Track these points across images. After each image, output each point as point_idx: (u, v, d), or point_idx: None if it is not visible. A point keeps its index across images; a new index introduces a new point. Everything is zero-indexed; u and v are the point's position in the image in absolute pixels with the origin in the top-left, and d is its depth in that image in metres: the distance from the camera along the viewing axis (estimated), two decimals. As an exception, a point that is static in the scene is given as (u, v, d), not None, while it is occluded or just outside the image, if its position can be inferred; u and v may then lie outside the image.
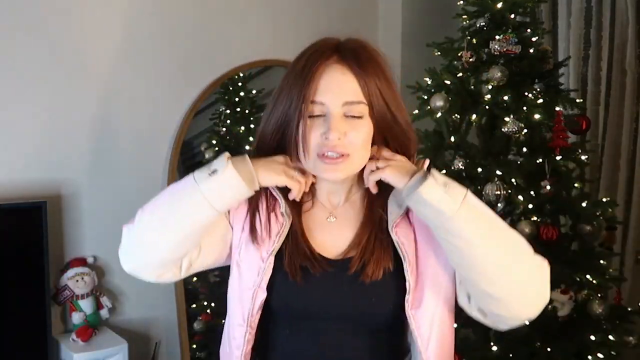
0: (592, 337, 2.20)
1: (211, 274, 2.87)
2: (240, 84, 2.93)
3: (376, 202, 1.17)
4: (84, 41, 2.48)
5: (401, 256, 1.12)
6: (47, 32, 2.39)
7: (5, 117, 2.32)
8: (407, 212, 1.15)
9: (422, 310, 1.14)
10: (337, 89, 1.09)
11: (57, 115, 2.43)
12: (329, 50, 1.12)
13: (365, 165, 1.14)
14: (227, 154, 1.12)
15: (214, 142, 2.89)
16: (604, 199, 2.36)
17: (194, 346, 2.81)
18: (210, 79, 2.79)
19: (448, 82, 2.46)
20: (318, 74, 1.09)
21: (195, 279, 2.84)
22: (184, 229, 1.10)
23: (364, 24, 3.32)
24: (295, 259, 1.15)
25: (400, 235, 1.13)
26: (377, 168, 1.11)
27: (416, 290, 1.13)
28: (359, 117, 1.10)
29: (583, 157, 2.33)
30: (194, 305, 2.82)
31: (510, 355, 2.24)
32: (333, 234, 1.19)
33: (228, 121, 2.91)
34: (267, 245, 1.16)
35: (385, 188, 1.14)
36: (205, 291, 2.88)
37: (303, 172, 1.14)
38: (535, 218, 2.27)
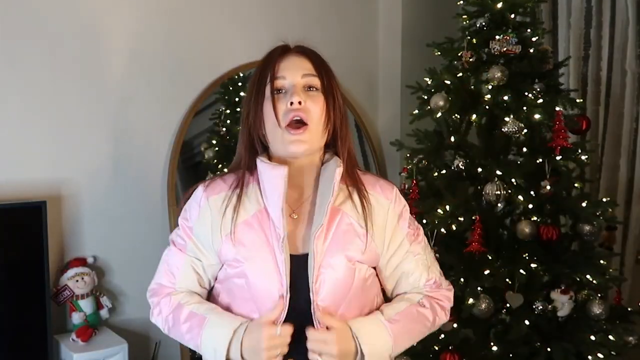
0: (592, 337, 2.20)
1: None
2: (240, 84, 2.93)
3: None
4: (84, 41, 2.48)
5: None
6: (46, 32, 2.39)
7: (6, 117, 2.32)
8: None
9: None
10: (295, 66, 1.30)
11: (57, 115, 2.44)
12: (284, 47, 1.34)
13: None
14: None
15: (214, 142, 2.89)
16: (604, 199, 2.35)
17: (194, 346, 2.80)
18: (210, 79, 2.79)
19: (448, 82, 2.46)
20: (279, 59, 1.30)
21: (195, 279, 2.84)
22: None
23: (364, 24, 3.32)
24: None
25: (318, 244, 1.26)
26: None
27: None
28: (316, 90, 1.28)
29: (583, 157, 2.33)
30: (194, 305, 2.82)
31: (510, 355, 2.24)
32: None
33: (228, 121, 2.91)
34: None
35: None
36: (205, 291, 2.88)
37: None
38: (535, 218, 2.27)
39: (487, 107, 2.38)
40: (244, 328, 1.24)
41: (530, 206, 2.28)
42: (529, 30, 2.45)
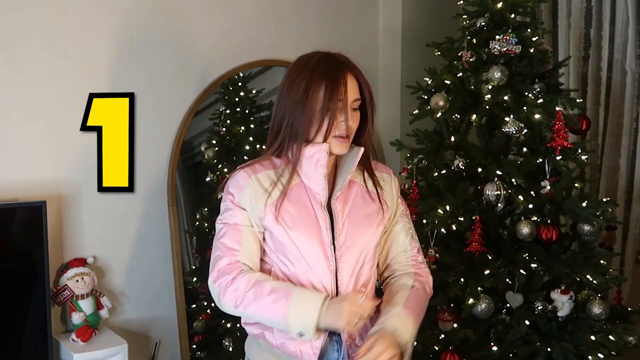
0: (592, 337, 2.19)
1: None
2: (240, 84, 2.93)
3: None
4: (84, 41, 2.48)
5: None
6: (46, 32, 2.39)
7: (6, 118, 2.32)
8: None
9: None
10: (351, 90, 1.54)
11: (57, 115, 2.43)
12: (343, 66, 1.55)
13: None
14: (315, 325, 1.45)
15: (214, 142, 2.89)
16: (604, 199, 2.35)
17: (194, 346, 2.81)
18: (210, 79, 2.80)
19: (448, 82, 2.46)
20: (343, 80, 1.52)
21: (195, 279, 2.84)
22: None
23: (364, 24, 3.33)
24: None
25: (337, 205, 1.57)
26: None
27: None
28: (356, 110, 1.56)
29: (583, 157, 2.32)
30: (193, 305, 2.82)
31: (510, 355, 2.24)
32: None
33: (228, 121, 2.91)
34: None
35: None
36: (205, 291, 2.87)
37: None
38: (535, 218, 2.27)
39: (487, 107, 2.38)
40: (329, 298, 1.47)
41: (530, 206, 2.28)
42: (529, 30, 2.45)
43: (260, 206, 1.54)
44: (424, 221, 2.36)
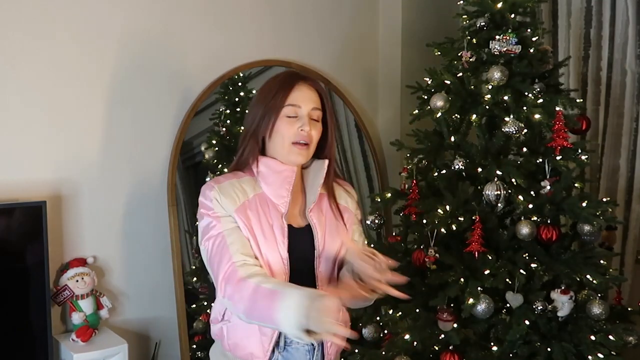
0: (592, 337, 2.19)
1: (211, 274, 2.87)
2: (240, 84, 2.93)
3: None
4: (84, 41, 2.48)
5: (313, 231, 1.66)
6: (46, 32, 2.39)
7: (6, 117, 2.33)
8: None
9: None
10: (309, 98, 1.63)
11: (57, 115, 2.44)
12: (299, 75, 1.68)
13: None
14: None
15: (214, 142, 2.89)
16: (604, 199, 2.35)
17: (194, 346, 2.81)
18: (210, 79, 2.80)
19: (448, 82, 2.46)
20: (297, 87, 1.63)
21: (195, 279, 2.84)
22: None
23: (364, 24, 3.33)
24: None
25: (313, 217, 1.66)
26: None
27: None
28: (317, 120, 1.65)
29: (583, 157, 2.32)
30: (193, 305, 2.82)
31: (510, 355, 2.24)
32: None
33: (228, 121, 2.91)
34: None
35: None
36: (205, 291, 2.88)
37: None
38: (535, 218, 2.27)
39: (487, 107, 2.38)
40: (312, 300, 1.41)
41: (530, 206, 2.28)
42: (529, 30, 2.44)
43: (230, 210, 1.59)
44: (424, 221, 2.36)
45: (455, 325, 2.26)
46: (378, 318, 2.54)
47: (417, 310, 2.34)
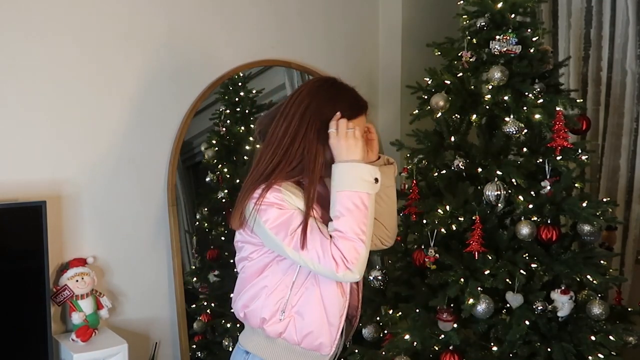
0: (592, 337, 2.19)
1: (211, 274, 2.87)
2: (240, 84, 2.93)
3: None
4: (84, 41, 2.48)
5: None
6: (46, 32, 2.39)
7: (6, 117, 2.33)
8: None
9: None
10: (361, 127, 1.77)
11: (57, 115, 2.44)
12: (366, 106, 1.82)
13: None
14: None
15: (214, 142, 2.89)
16: (604, 199, 2.35)
17: (194, 346, 2.81)
18: (210, 79, 2.80)
19: (448, 82, 2.46)
20: (360, 117, 1.79)
21: (195, 279, 2.84)
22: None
23: (364, 24, 3.33)
24: None
25: None
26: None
27: None
28: None
29: (583, 157, 2.32)
30: (193, 306, 2.82)
31: (510, 355, 2.24)
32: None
33: (228, 121, 2.92)
34: None
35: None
36: (205, 291, 2.88)
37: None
38: (535, 218, 2.27)
39: (487, 107, 2.38)
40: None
41: (530, 206, 2.27)
42: (529, 30, 2.44)
43: (300, 204, 1.60)
44: (424, 221, 2.36)
45: (455, 325, 2.26)
46: (378, 318, 2.54)
47: (417, 310, 2.34)
